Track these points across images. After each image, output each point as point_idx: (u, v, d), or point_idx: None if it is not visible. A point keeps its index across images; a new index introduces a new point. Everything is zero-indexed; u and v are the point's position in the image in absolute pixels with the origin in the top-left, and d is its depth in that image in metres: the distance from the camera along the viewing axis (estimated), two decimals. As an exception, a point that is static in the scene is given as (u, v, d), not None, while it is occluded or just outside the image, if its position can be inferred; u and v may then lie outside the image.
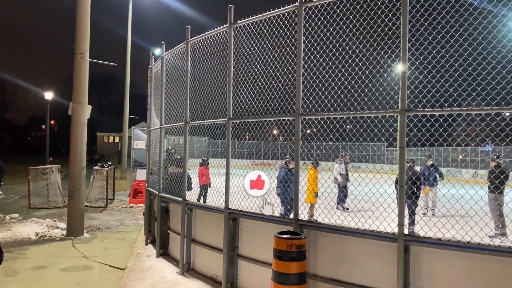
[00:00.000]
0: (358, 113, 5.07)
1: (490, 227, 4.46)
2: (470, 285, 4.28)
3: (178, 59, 8.21)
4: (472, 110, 4.30)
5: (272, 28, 5.94)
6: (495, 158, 9.85)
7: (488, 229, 4.68)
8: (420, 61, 4.76)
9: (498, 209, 9.23)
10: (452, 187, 5.86)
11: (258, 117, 6.24)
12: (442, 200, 12.19)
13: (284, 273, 4.75)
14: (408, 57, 4.57)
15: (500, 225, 9.19)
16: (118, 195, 19.31)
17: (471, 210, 4.51)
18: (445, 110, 4.39)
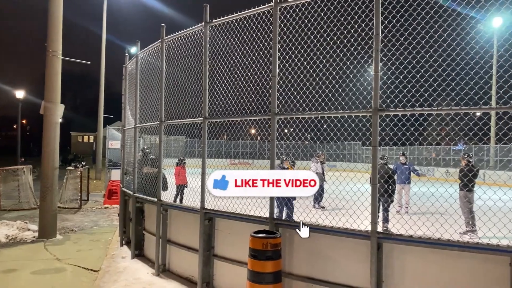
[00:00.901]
0: (332, 113, 5.13)
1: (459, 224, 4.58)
2: (441, 280, 4.39)
3: (153, 58, 8.12)
4: (442, 110, 4.42)
5: (248, 28, 5.94)
6: (466, 157, 10.14)
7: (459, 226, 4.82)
8: (392, 62, 4.85)
9: (468, 206, 9.51)
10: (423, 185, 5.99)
11: (234, 116, 6.23)
12: (414, 198, 12.51)
13: (260, 272, 4.77)
14: (380, 57, 4.65)
15: (470, 222, 9.47)
16: (93, 196, 18.96)
17: (442, 208, 4.63)
18: (416, 110, 4.49)
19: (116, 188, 15.43)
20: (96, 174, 29.43)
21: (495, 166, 29.66)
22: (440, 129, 12.83)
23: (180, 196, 12.65)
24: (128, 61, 10.19)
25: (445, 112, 4.46)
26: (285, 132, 11.62)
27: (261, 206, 5.86)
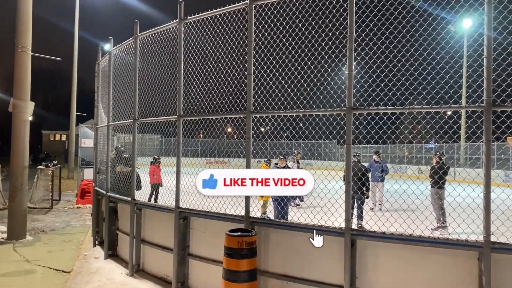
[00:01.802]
0: (307, 111, 5.16)
1: (430, 220, 4.69)
2: (413, 275, 4.49)
3: (127, 55, 7.98)
4: (413, 108, 4.51)
5: (223, 25, 5.91)
6: (437, 155, 10.41)
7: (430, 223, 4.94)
8: (365, 61, 4.91)
9: (439, 203, 9.76)
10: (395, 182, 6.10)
11: (210, 114, 6.19)
12: (387, 195, 12.75)
13: (235, 271, 4.76)
14: (354, 56, 4.71)
15: (441, 218, 9.71)
16: (65, 196, 18.52)
17: (413, 205, 4.73)
18: (388, 108, 4.57)
19: (89, 188, 15.11)
20: (69, 174, 28.79)
21: (465, 164, 30.56)
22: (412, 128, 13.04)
23: (155, 196, 12.50)
24: (101, 58, 9.98)
25: (417, 111, 4.55)
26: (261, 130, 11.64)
27: (236, 204, 5.85)
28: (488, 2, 4.11)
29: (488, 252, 4.01)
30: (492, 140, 4.08)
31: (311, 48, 5.25)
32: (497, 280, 4.02)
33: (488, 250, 4.01)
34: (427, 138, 26.70)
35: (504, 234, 4.20)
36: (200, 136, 39.10)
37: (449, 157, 31.00)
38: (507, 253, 4.01)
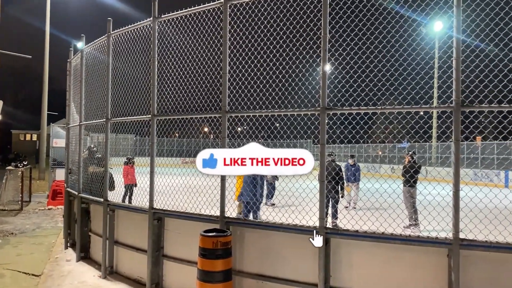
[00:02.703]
0: (282, 111, 5.19)
1: (401, 218, 4.79)
2: (385, 272, 4.58)
3: (100, 53, 7.83)
4: (385, 109, 4.59)
5: (198, 24, 5.87)
6: (411, 154, 10.64)
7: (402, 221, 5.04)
8: (339, 62, 4.97)
9: (410, 201, 9.98)
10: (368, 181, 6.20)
11: (184, 114, 6.14)
12: (360, 194, 12.96)
13: (210, 271, 4.73)
14: (328, 57, 4.75)
15: (413, 216, 9.93)
16: (36, 197, 18.02)
17: (385, 203, 4.82)
18: (361, 108, 4.63)
19: (61, 189, 14.75)
20: (40, 174, 28.02)
21: (436, 163, 31.34)
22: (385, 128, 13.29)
23: (129, 196, 12.31)
24: (72, 56, 9.76)
25: (389, 111, 4.64)
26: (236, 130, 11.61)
27: (212, 204, 5.82)
28: (457, 6, 4.22)
29: (457, 249, 4.12)
30: (461, 140, 4.20)
31: (286, 49, 5.27)
32: (466, 276, 4.14)
33: (457, 247, 4.12)
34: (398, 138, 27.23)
35: (472, 231, 4.32)
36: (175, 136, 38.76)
37: (420, 156, 31.73)
38: (475, 249, 4.13)
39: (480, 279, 4.19)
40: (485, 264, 4.18)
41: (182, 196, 6.11)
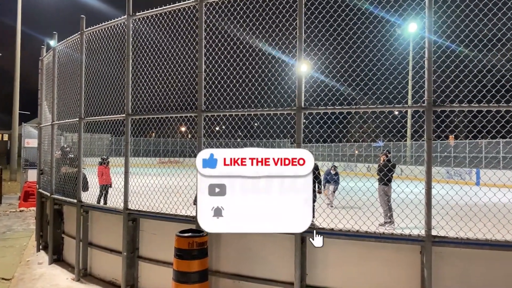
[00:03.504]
0: (258, 111, 5.18)
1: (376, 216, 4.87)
2: (360, 270, 4.64)
3: (73, 51, 7.66)
4: (360, 108, 4.65)
5: (173, 23, 5.81)
6: (386, 153, 10.82)
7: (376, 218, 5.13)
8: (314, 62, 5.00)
9: (385, 199, 10.15)
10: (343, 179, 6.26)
11: (160, 113, 6.06)
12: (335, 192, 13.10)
13: (185, 272, 4.68)
14: (303, 57, 4.78)
15: (388, 214, 10.10)
16: (7, 199, 17.51)
17: (360, 201, 4.88)
18: (336, 108, 4.68)
19: (33, 190, 14.36)
20: (11, 175, 27.24)
21: (410, 162, 31.98)
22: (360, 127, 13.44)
23: (104, 197, 12.10)
24: (45, 54, 9.52)
25: (363, 111, 4.69)
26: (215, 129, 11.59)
27: (188, 205, 5.78)
28: (429, 7, 4.31)
29: (429, 245, 4.20)
30: (434, 139, 4.29)
31: (262, 48, 5.28)
32: (438, 272, 4.24)
33: (429, 243, 4.21)
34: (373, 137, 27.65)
35: (444, 228, 4.42)
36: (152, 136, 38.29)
37: (395, 155, 32.32)
38: (446, 246, 4.23)
39: (451, 274, 4.30)
40: (456, 260, 4.28)
41: (158, 197, 6.04)
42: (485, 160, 25.62)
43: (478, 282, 4.23)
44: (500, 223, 4.37)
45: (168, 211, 5.78)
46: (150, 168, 6.33)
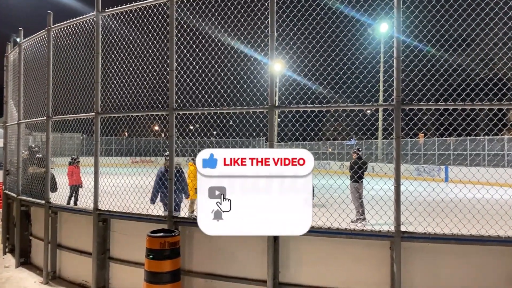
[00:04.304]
0: (231, 109, 5.17)
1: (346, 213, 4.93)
2: (332, 266, 4.70)
3: (40, 47, 7.43)
4: (330, 107, 4.70)
5: (144, 20, 5.72)
6: (356, 151, 10.99)
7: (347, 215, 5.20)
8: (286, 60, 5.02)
9: (358, 196, 10.31)
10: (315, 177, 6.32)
11: (130, 111, 5.96)
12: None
13: (157, 272, 4.64)
14: (275, 55, 4.79)
15: (359, 210, 10.27)
16: (-29, 201, 16.84)
17: (331, 198, 4.94)
18: (308, 106, 4.71)
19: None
20: (-24, 176, 26.23)
21: (382, 159, 32.63)
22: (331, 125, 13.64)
23: (74, 198, 11.82)
24: (10, 50, 9.21)
25: (334, 109, 4.74)
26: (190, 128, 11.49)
27: (160, 205, 5.71)
28: (397, 7, 4.39)
29: (398, 241, 4.30)
30: (405, 137, 4.38)
31: (234, 46, 5.26)
32: (407, 267, 4.33)
33: (398, 239, 4.30)
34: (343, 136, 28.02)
35: (413, 224, 4.52)
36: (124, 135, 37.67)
37: (368, 153, 32.90)
38: (415, 241, 4.34)
39: (420, 269, 4.41)
40: (425, 254, 4.39)
41: (129, 197, 5.95)
42: (453, 157, 26.40)
43: (446, 276, 4.35)
44: (465, 218, 4.50)
45: (140, 211, 5.71)
46: (123, 168, 6.21)
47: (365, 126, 6.03)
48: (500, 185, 5.13)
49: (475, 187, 4.90)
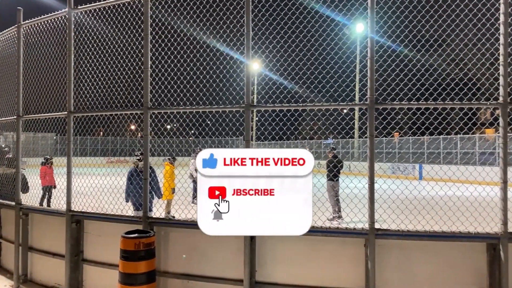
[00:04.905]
0: (207, 108, 5.13)
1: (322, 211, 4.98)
2: (308, 264, 4.73)
3: (10, 44, 7.22)
4: (306, 106, 4.72)
5: (117, 17, 5.62)
6: (331, 150, 11.11)
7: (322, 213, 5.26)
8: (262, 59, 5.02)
9: (334, 194, 10.42)
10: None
11: (104, 110, 5.85)
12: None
13: (132, 274, 4.57)
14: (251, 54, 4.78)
15: (336, 209, 10.38)
16: None
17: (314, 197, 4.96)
18: (284, 106, 4.73)
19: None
20: None
21: (358, 158, 33.07)
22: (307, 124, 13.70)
23: (47, 199, 11.54)
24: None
25: (310, 108, 4.77)
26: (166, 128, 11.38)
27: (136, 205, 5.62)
28: (371, 7, 4.45)
29: (372, 238, 4.36)
30: (381, 136, 4.44)
31: (210, 45, 5.23)
32: (381, 264, 4.40)
33: (372, 236, 4.36)
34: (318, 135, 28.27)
35: (386, 221, 4.60)
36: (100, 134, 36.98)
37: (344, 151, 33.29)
38: (389, 238, 4.41)
39: (394, 265, 4.48)
40: (398, 251, 4.48)
41: (103, 197, 5.84)
42: (426, 155, 26.99)
43: (419, 271, 4.45)
44: (437, 215, 4.60)
45: (114, 211, 5.63)
46: (98, 168, 6.09)
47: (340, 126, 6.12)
48: (471, 182, 5.27)
49: (446, 185, 5.02)
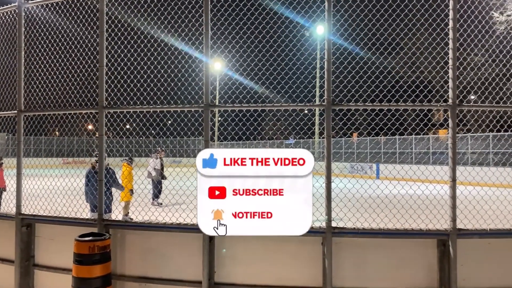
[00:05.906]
0: (165, 107, 5.05)
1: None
2: (268, 264, 4.75)
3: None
4: (266, 106, 4.75)
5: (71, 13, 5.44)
6: (292, 149, 11.27)
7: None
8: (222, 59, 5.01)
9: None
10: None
11: (57, 109, 5.63)
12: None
13: (86, 278, 4.43)
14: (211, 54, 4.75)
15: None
16: None
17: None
18: (243, 106, 4.73)
19: None
20: None
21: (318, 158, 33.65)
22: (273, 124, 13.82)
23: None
24: None
25: (269, 108, 4.80)
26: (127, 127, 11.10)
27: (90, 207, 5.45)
28: (328, 10, 4.53)
29: (329, 236, 4.44)
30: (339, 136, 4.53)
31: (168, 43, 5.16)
32: (338, 261, 4.49)
33: (329, 234, 4.44)
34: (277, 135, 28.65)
35: (343, 220, 4.70)
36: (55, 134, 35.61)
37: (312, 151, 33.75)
38: (345, 236, 4.52)
39: (350, 263, 4.59)
40: (354, 249, 4.59)
41: (57, 200, 5.63)
42: (384, 155, 27.85)
43: (374, 268, 4.58)
44: (391, 213, 4.75)
45: (68, 214, 5.44)
46: (53, 169, 5.87)
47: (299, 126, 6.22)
48: (422, 181, 5.48)
49: (400, 184, 5.19)
